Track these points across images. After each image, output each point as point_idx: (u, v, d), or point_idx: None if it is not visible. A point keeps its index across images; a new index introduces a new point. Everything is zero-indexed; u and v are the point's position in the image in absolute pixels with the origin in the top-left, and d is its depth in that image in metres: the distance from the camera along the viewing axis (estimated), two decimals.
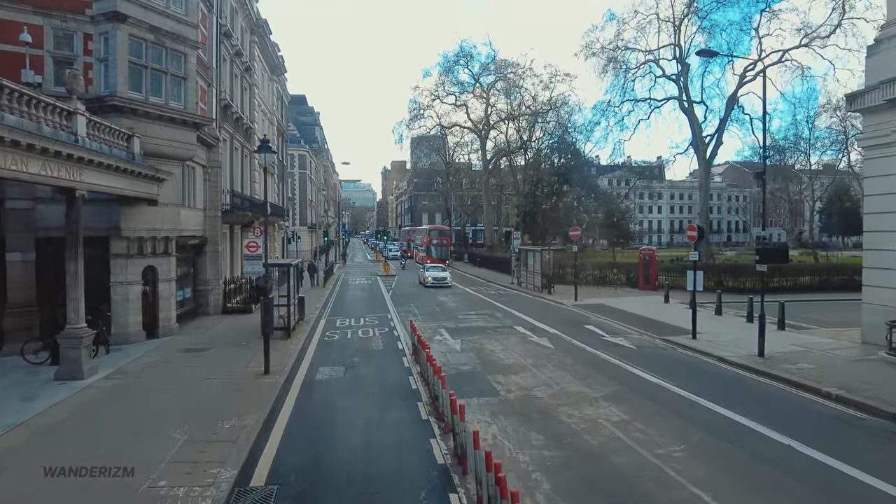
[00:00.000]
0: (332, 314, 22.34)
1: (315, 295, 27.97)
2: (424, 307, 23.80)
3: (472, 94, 50.58)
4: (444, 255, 51.04)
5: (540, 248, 29.76)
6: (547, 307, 23.95)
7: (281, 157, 42.87)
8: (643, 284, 29.89)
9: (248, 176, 29.45)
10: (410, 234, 68.77)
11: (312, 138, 79.11)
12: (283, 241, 44.09)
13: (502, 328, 18.55)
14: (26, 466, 7.52)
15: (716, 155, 43.18)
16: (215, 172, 22.10)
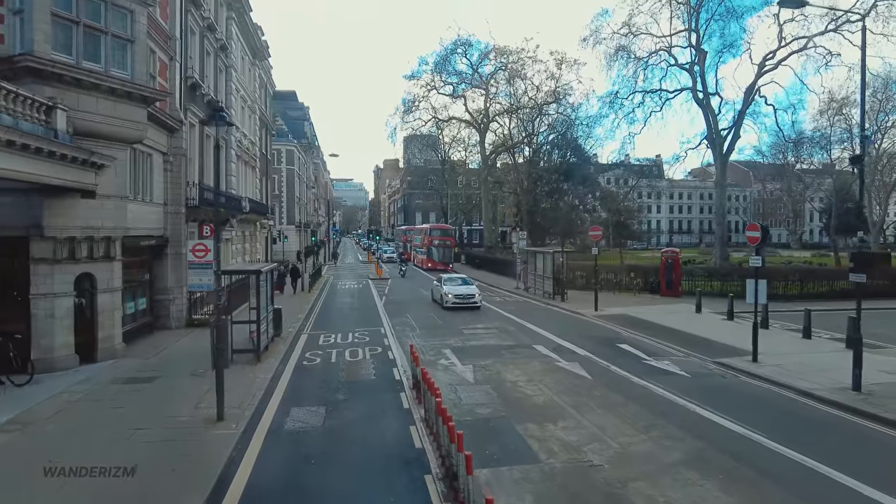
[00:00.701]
0: (316, 327, 19.12)
1: (298, 302, 24.72)
2: (423, 318, 20.63)
3: (471, 84, 47.40)
4: (447, 257, 45.79)
5: (551, 249, 26.64)
6: (565, 319, 20.85)
7: (264, 150, 39.56)
8: (665, 290, 26.89)
9: (223, 168, 26.14)
10: (408, 233, 62.72)
11: (301, 134, 75.69)
12: (267, 242, 40.75)
13: (519, 348, 15.41)
14: None
15: (732, 150, 40.31)
16: (179, 162, 18.84)
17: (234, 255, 27.93)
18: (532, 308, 23.70)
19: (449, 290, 23.50)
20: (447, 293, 23.31)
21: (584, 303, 23.92)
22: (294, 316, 20.82)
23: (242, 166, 30.53)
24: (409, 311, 22.40)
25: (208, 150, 23.53)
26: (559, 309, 23.20)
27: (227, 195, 24.97)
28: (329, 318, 21.10)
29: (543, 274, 26.54)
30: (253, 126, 34.05)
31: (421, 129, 52.36)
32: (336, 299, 27.19)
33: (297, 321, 19.98)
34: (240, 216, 28.06)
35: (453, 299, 22.99)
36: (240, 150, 29.24)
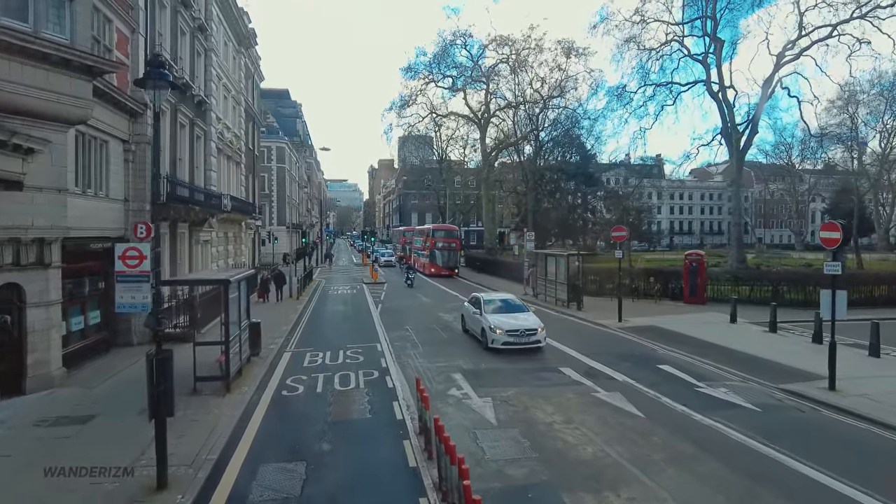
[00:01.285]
0: (302, 343, 16.54)
1: (284, 312, 22.13)
2: (424, 331, 18.08)
3: (471, 77, 44.92)
4: (452, 261, 41.36)
5: (564, 251, 24.14)
6: (587, 332, 18.38)
7: (251, 145, 36.92)
8: (689, 297, 24.48)
9: (200, 161, 23.53)
10: (407, 235, 56.98)
11: (293, 131, 73.03)
12: (254, 243, 38.12)
13: (545, 371, 12.89)
14: None
15: (750, 146, 38.03)
16: (143, 151, 16.22)
17: (215, 258, 25.32)
18: (546, 318, 21.07)
19: (496, 322, 15.06)
20: (494, 326, 14.88)
21: (603, 312, 21.50)
22: (277, 329, 18.25)
23: (224, 161, 27.93)
24: (409, 322, 19.86)
25: (183, 140, 20.98)
26: (577, 319, 20.71)
27: (205, 191, 22.40)
28: (318, 332, 18.51)
29: (556, 279, 24.05)
30: (237, 118, 31.44)
31: (418, 125, 49.78)
32: (327, 307, 24.59)
33: (280, 335, 17.41)
34: (221, 215, 25.46)
35: (505, 337, 14.61)
36: (222, 142, 26.64)
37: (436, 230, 43.50)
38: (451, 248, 41.86)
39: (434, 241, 41.64)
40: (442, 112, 47.56)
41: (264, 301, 23.92)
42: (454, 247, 42.11)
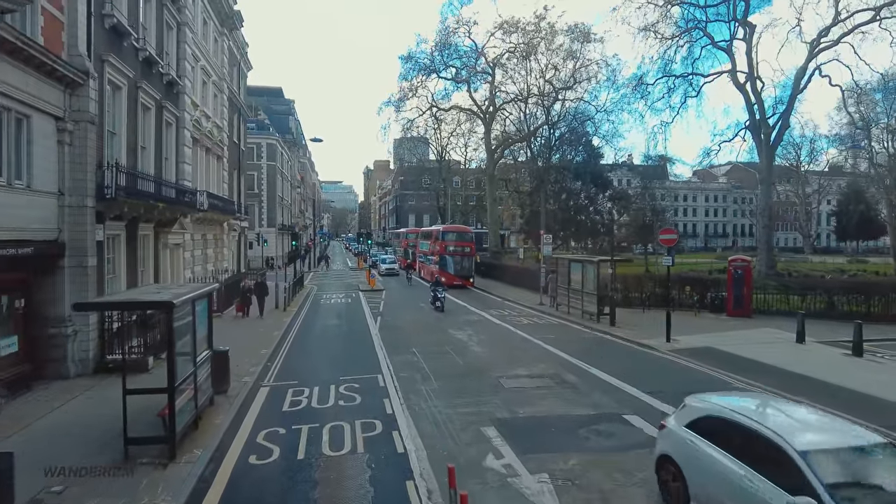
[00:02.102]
0: (284, 374, 13.23)
1: (265, 330, 18.79)
2: (436, 356, 14.77)
3: (474, 68, 41.73)
4: (466, 269, 34.79)
5: (595, 257, 20.89)
6: (635, 357, 15.12)
7: (237, 139, 33.62)
8: (733, 309, 21.35)
9: (171, 152, 20.22)
10: (410, 237, 50.56)
11: (286, 129, 69.74)
12: (239, 246, 34.74)
13: (606, 422, 9.59)
14: None
15: (780, 140, 35.05)
16: (84, 132, 12.89)
17: (189, 264, 21.99)
18: (577, 336, 17.96)
19: None
20: None
21: (641, 328, 18.40)
22: (255, 353, 14.95)
23: (202, 154, 24.61)
24: (415, 342, 16.58)
25: (148, 125, 17.68)
26: (615, 338, 17.48)
27: (176, 186, 19.11)
28: (304, 357, 15.18)
29: (583, 289, 20.84)
30: (219, 108, 28.14)
31: (417, 120, 46.49)
32: (317, 322, 21.24)
33: (258, 361, 14.11)
34: (196, 215, 22.15)
35: None
36: (199, 132, 23.33)
37: (447, 232, 37.06)
38: (466, 254, 35.29)
39: (444, 245, 35.53)
40: (444, 106, 44.29)
41: (244, 315, 20.58)
42: (468, 251, 35.39)
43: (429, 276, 36.84)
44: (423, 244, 42.45)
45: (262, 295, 21.25)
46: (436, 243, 37.00)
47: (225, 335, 17.25)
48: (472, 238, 37.11)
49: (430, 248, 38.57)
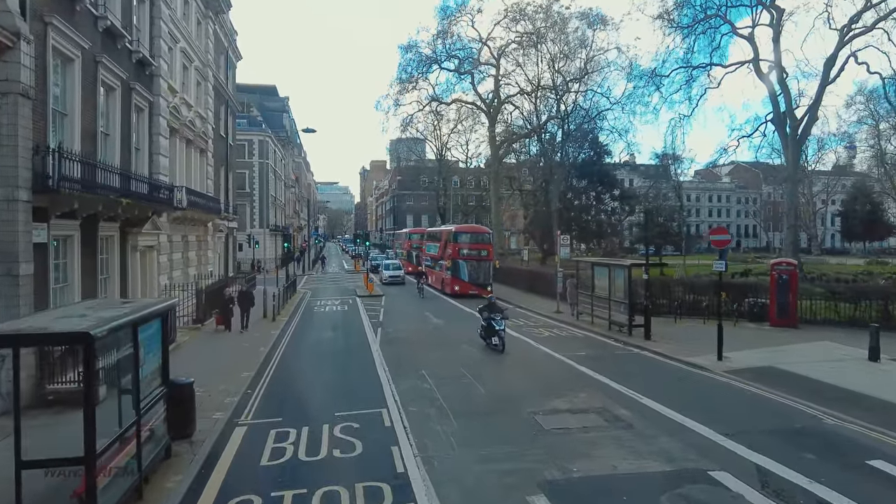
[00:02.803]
0: (266, 408, 10.70)
1: (249, 346, 16.29)
2: (451, 383, 12.24)
3: (478, 59, 39.36)
4: (483, 276, 30.36)
5: (626, 260, 18.45)
6: (687, 381, 12.69)
7: (224, 132, 31.14)
8: (777, 318, 19.02)
9: (143, 141, 17.77)
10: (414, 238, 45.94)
11: (280, 126, 67.24)
12: (227, 248, 32.23)
13: (689, 482, 7.15)
14: None
15: (808, 134, 32.85)
16: (14, 106, 10.37)
17: (165, 270, 19.51)
18: (610, 353, 15.54)
19: None
20: None
21: (678, 341, 16.16)
22: (234, 376, 12.49)
23: (182, 146, 22.14)
24: (422, 361, 14.15)
25: (112, 109, 15.21)
26: (655, 355, 15.06)
27: (148, 181, 16.67)
28: (293, 382, 12.68)
29: (611, 296, 18.45)
30: (203, 97, 25.65)
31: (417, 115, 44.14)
32: (310, 335, 18.76)
33: (237, 387, 11.66)
34: (174, 213, 19.69)
35: None
36: (178, 121, 20.87)
37: (460, 232, 32.39)
38: (482, 258, 30.89)
39: (457, 248, 30.89)
40: (447, 99, 41.89)
41: (226, 329, 18.04)
42: (485, 255, 30.99)
43: (438, 283, 33.29)
44: (430, 246, 37.94)
45: (247, 306, 18.65)
46: (447, 246, 32.40)
47: (200, 354, 14.83)
48: (490, 239, 32.90)
49: (440, 252, 34.21)
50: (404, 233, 54.14)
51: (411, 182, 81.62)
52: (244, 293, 18.76)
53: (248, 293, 19.19)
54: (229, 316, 17.56)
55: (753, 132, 37.07)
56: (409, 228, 57.86)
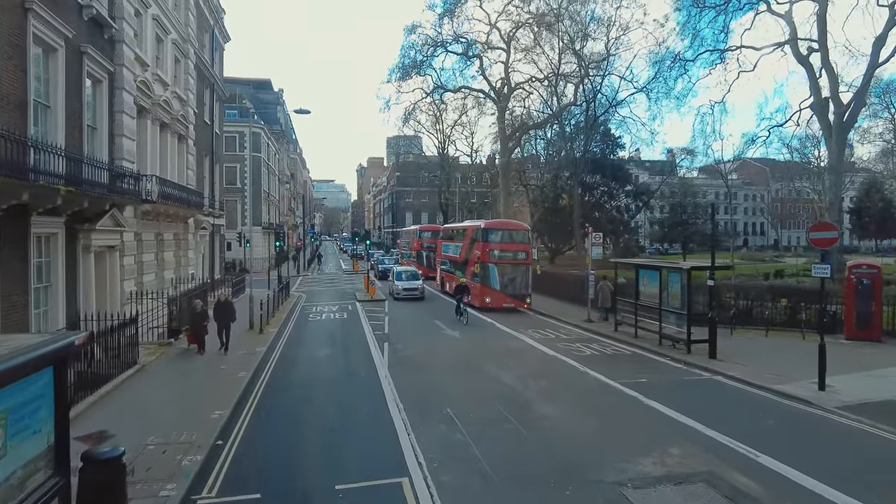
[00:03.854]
0: (239, 476, 7.58)
1: (228, 368, 13.21)
2: (489, 429, 9.18)
3: (487, 43, 36.34)
4: (521, 285, 23.97)
5: (686, 262, 15.40)
6: (807, 427, 9.55)
7: (209, 119, 28.07)
8: (856, 329, 16.11)
9: (101, 120, 14.69)
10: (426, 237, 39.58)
11: (274, 120, 64.16)
12: (213, 248, 29.15)
13: None
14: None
15: (854, 121, 29.95)
16: None
17: (131, 274, 16.45)
18: (677, 379, 12.52)
19: None
20: None
21: (750, 360, 13.27)
22: (201, 419, 9.45)
23: (156, 129, 19.05)
24: (446, 392, 11.17)
25: (54, 76, 12.13)
26: (734, 382, 12.06)
27: (105, 167, 13.64)
28: (279, 430, 9.55)
29: (661, 305, 15.46)
30: (183, 76, 22.55)
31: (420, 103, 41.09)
32: (302, 354, 15.62)
33: (203, 438, 8.61)
34: (143, 206, 16.64)
35: None
36: (148, 99, 17.78)
37: (491, 229, 25.40)
38: (520, 261, 24.20)
39: (488, 249, 24.16)
40: (452, 87, 38.79)
41: (199, 352, 14.57)
42: (523, 257, 24.35)
43: (452, 291, 26.46)
44: (448, 247, 31.06)
45: (226, 321, 14.88)
46: (473, 246, 25.89)
47: (161, 383, 11.76)
48: (529, 238, 25.94)
49: (462, 253, 27.61)
50: (413, 230, 45.68)
51: (411, 178, 78.57)
52: (222, 305, 15.25)
53: (227, 305, 15.33)
54: (202, 334, 14.37)
55: (786, 121, 34.36)
56: (419, 225, 49.38)
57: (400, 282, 28.46)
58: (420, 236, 41.14)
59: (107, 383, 11.46)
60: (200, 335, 13.89)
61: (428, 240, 38.82)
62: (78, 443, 8.47)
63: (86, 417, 9.69)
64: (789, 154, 65.65)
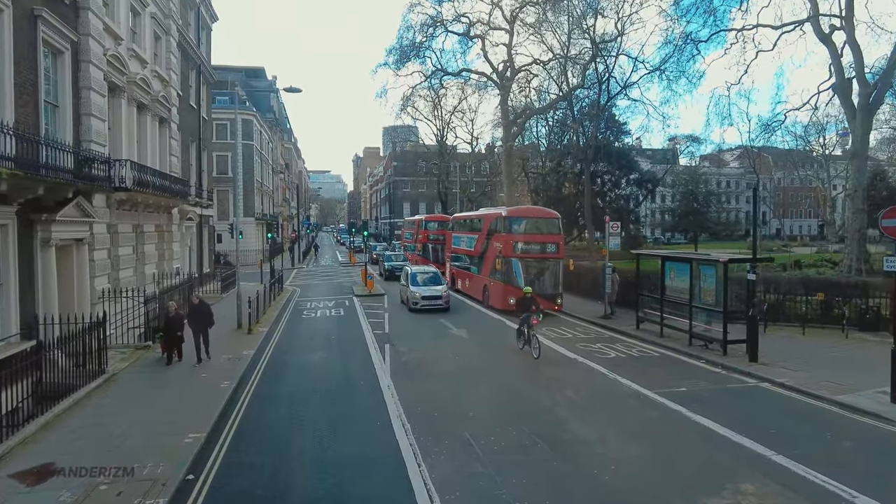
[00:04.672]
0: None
1: (210, 378, 11.61)
2: (518, 458, 7.60)
3: (489, 23, 34.56)
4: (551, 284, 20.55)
5: (722, 255, 13.85)
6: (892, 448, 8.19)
7: (195, 103, 26.33)
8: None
9: (63, 95, 13.00)
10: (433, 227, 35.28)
11: (267, 107, 62.23)
12: (201, 240, 27.49)
13: None
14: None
15: (881, 102, 28.38)
16: None
17: (104, 270, 14.83)
18: (724, 390, 10.92)
19: None
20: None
21: (796, 364, 11.71)
22: (172, 442, 7.91)
23: (132, 110, 17.31)
24: (461, 408, 9.66)
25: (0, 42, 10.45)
26: (789, 392, 10.54)
27: (69, 149, 12.03)
28: (263, 456, 8.00)
29: (692, 302, 13.95)
30: (165, 54, 20.77)
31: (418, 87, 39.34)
32: (294, 359, 13.96)
33: (169, 470, 7.07)
34: (115, 195, 14.98)
35: None
36: (121, 76, 16.04)
37: (515, 217, 21.60)
38: (549, 255, 20.61)
39: (511, 241, 20.46)
40: (453, 69, 37.03)
41: (175, 358, 12.69)
42: (554, 251, 20.72)
43: (476, 291, 23.76)
44: (459, 239, 27.37)
45: (203, 326, 12.77)
46: (492, 238, 22.11)
47: (130, 396, 10.17)
48: (559, 228, 21.80)
49: (479, 247, 23.65)
50: (418, 220, 40.00)
51: (408, 168, 76.84)
52: (197, 308, 13.01)
53: (202, 308, 13.02)
54: (178, 342, 12.51)
55: (804, 105, 32.75)
56: (425, 215, 44.75)
57: (417, 287, 21.62)
58: (426, 227, 36.25)
59: (66, 397, 9.92)
60: (176, 343, 12.15)
61: (435, 231, 34.73)
62: (14, 482, 6.98)
63: (34, 443, 8.15)
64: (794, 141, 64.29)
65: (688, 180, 56.79)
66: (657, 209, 53.10)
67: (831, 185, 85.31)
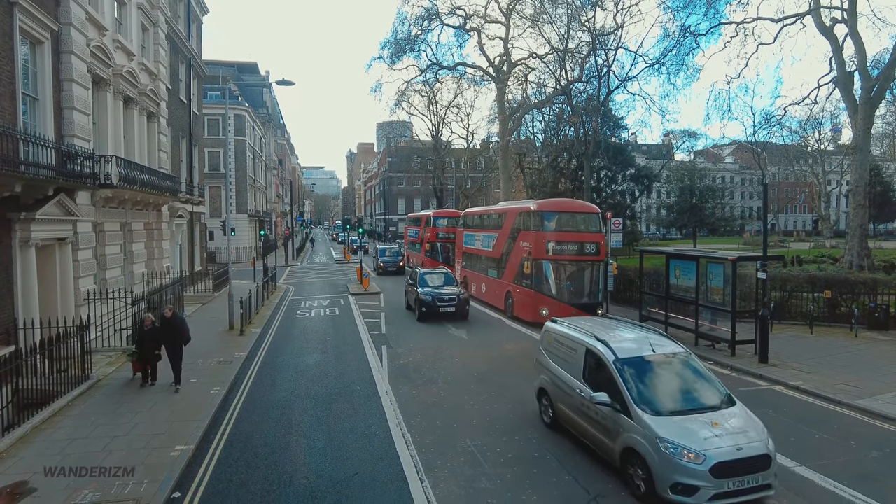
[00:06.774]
0: None
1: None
2: (533, 478, 7.30)
3: (485, 16, 33.95)
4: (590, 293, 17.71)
5: (730, 253, 13.40)
6: None
7: (186, 97, 25.67)
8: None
9: (43, 88, 12.39)
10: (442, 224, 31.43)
11: (260, 103, 61.35)
12: (193, 238, 26.85)
13: None
14: None
15: (883, 97, 28.05)
16: None
17: (89, 270, 14.25)
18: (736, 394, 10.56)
19: None
20: None
21: (807, 365, 11.33)
22: (158, 459, 7.39)
23: (119, 104, 16.67)
24: (464, 416, 9.21)
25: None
26: (804, 397, 10.17)
27: (50, 144, 11.46)
28: (256, 470, 7.47)
29: (699, 300, 13.54)
30: (152, 46, 20.11)
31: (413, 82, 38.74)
32: (288, 363, 13.47)
33: (156, 485, 6.56)
34: (100, 192, 14.40)
35: None
36: (106, 68, 15.40)
37: (546, 212, 18.23)
38: (588, 256, 17.60)
39: (543, 242, 17.55)
40: (449, 63, 36.43)
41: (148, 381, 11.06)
42: (594, 252, 17.65)
43: (496, 299, 20.78)
44: (472, 237, 24.17)
45: (177, 342, 11.02)
46: (518, 237, 19.20)
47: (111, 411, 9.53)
48: (600, 225, 18.42)
49: (499, 247, 20.77)
50: (424, 216, 34.83)
51: (403, 164, 76.20)
52: (168, 322, 11.14)
53: (174, 321, 11.17)
54: (153, 360, 11.01)
55: (803, 99, 32.49)
56: (433, 210, 40.09)
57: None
58: (435, 224, 31.70)
59: (47, 406, 9.38)
60: (150, 361, 10.96)
61: (444, 228, 30.81)
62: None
63: (8, 458, 7.61)
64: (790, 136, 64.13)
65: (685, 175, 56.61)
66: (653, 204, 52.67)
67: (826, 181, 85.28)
